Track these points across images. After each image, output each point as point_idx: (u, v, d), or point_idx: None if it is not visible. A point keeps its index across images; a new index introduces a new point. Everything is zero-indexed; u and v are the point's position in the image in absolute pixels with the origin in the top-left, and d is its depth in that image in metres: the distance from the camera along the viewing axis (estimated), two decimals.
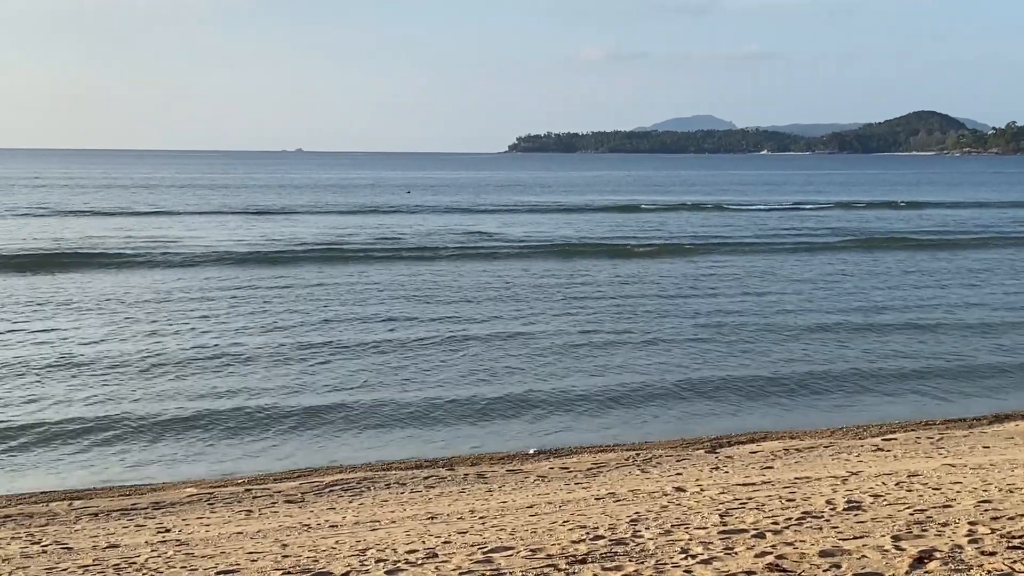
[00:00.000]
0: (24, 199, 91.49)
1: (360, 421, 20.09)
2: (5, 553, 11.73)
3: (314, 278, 38.80)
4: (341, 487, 15.68)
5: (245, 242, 51.91)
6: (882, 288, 37.66)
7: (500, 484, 15.49)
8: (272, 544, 11.35)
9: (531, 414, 20.73)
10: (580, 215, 78.40)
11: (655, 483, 14.57)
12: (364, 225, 64.50)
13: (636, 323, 29.75)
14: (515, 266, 43.57)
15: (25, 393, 21.44)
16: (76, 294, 34.42)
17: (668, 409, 21.24)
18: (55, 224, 62.63)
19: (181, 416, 20.11)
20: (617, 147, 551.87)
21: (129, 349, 25.58)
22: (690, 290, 36.81)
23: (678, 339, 27.48)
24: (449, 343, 26.76)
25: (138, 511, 14.46)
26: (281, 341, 26.69)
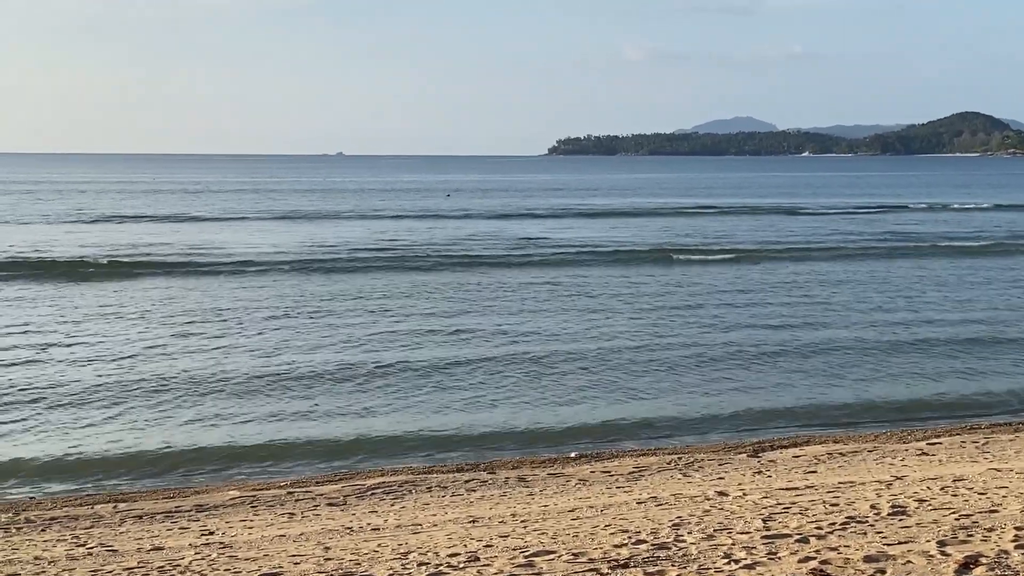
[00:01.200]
0: (84, 203, 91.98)
1: (400, 424, 20.14)
2: (51, 555, 11.84)
3: (373, 287, 38.72)
4: (383, 490, 15.72)
5: (300, 249, 51.17)
6: (942, 295, 36.95)
7: (541, 488, 15.47)
8: (314, 547, 11.39)
9: (572, 418, 20.69)
10: (646, 219, 76.16)
11: (697, 487, 14.50)
12: (413, 230, 64.09)
13: (684, 329, 29.50)
14: (572, 272, 42.85)
15: (75, 396, 21.64)
16: (134, 300, 34.69)
17: (711, 412, 21.15)
18: (118, 230, 62.26)
19: (224, 418, 20.24)
20: (657, 149, 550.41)
21: (181, 351, 25.79)
22: (740, 297, 36.31)
23: (730, 346, 27.23)
24: (492, 347, 26.78)
25: (182, 513, 14.56)
26: (335, 348, 26.81)
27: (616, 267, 44.94)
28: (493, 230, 64.24)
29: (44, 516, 14.59)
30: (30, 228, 63.25)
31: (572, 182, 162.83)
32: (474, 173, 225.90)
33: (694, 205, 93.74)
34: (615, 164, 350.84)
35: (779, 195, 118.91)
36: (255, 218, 74.35)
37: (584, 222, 73.72)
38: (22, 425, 19.68)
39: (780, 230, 66.08)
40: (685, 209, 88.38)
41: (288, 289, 37.20)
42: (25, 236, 57.31)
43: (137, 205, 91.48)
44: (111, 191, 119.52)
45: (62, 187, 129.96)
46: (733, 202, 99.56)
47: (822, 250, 52.51)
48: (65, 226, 65.19)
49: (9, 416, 20.22)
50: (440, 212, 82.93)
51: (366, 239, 56.89)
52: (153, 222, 70.63)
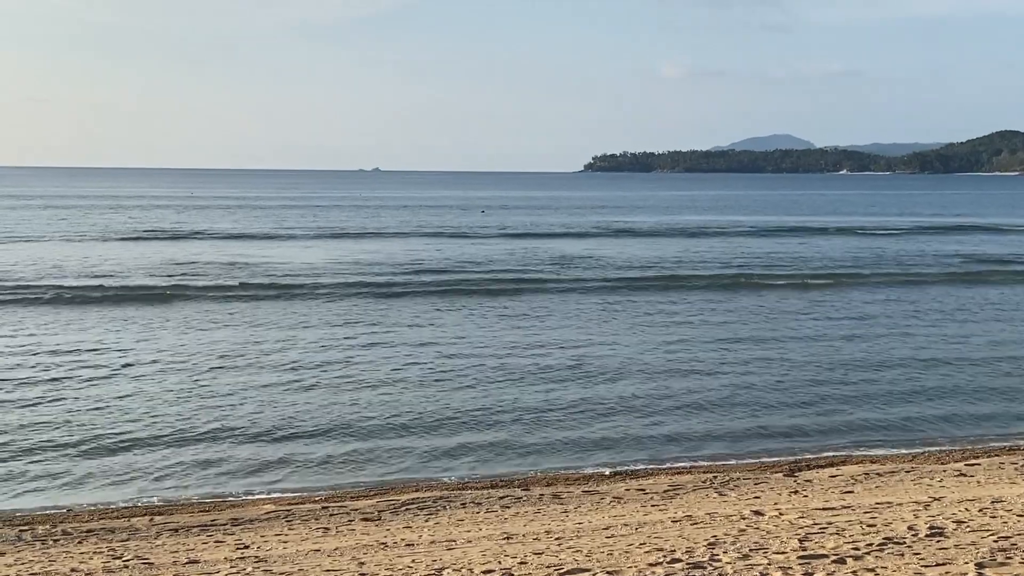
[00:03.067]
0: (140, 217, 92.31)
1: (432, 440, 20.14)
2: (87, 567, 11.92)
3: (421, 308, 38.74)
4: (417, 506, 15.72)
5: (348, 268, 49.93)
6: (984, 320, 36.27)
7: (576, 505, 15.43)
8: (349, 562, 11.41)
9: (606, 435, 20.63)
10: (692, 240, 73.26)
11: (733, 506, 14.43)
12: (462, 249, 63.27)
13: (730, 352, 29.21)
14: (617, 298, 41.11)
15: (113, 411, 21.80)
16: (200, 317, 34.94)
17: (746, 431, 21.04)
18: (171, 249, 60.77)
19: (257, 431, 20.32)
20: (693, 166, 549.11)
21: (224, 367, 25.96)
22: (784, 321, 35.92)
23: (768, 366, 27.10)
24: (529, 366, 26.78)
25: (217, 527, 14.61)
26: (372, 363, 26.89)
27: (663, 292, 42.86)
28: (535, 249, 62.86)
29: (81, 528, 14.69)
30: (106, 246, 62.00)
31: (614, 199, 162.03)
32: (510, 189, 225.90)
33: (747, 225, 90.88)
34: (653, 181, 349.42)
35: (828, 213, 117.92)
36: (303, 235, 73.12)
37: (627, 241, 71.80)
38: (62, 438, 19.82)
39: (823, 248, 65.57)
40: (739, 228, 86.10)
41: (340, 310, 36.50)
42: (103, 252, 56.88)
43: (193, 220, 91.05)
44: (162, 206, 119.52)
45: (111, 201, 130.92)
46: (793, 221, 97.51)
47: (877, 275, 49.89)
48: (136, 244, 64.02)
49: (52, 428, 20.38)
50: (488, 230, 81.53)
51: (414, 258, 55.35)
52: (216, 239, 68.62)
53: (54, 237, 67.15)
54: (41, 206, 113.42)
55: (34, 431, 20.14)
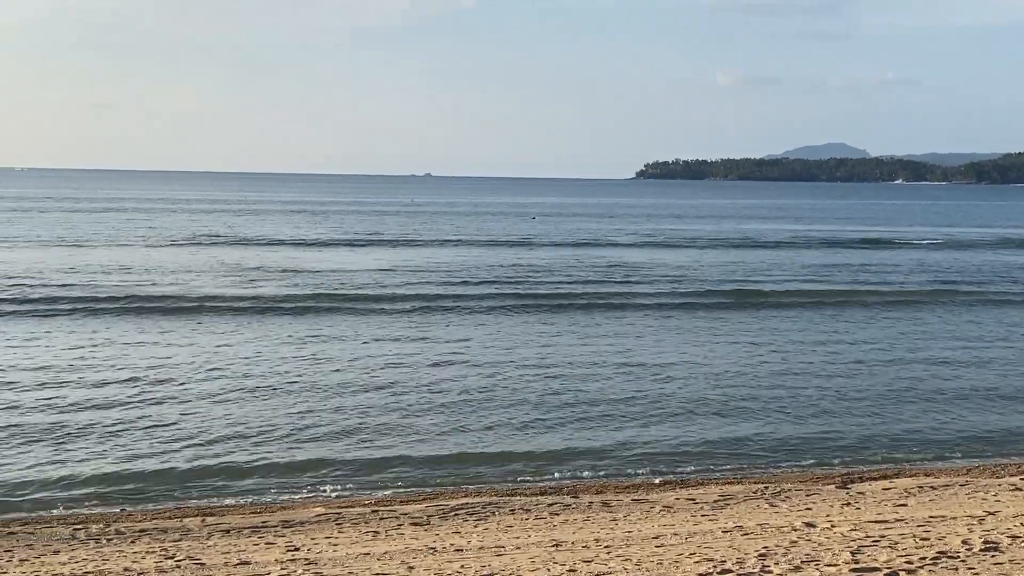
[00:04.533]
0: (200, 222, 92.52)
1: (481, 446, 20.18)
2: (140, 567, 12.04)
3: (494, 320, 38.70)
4: (466, 511, 15.73)
5: (408, 278, 48.84)
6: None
7: (625, 513, 15.38)
8: (398, 566, 11.45)
9: (655, 444, 20.57)
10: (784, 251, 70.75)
11: (784, 517, 14.32)
12: (524, 259, 62.23)
13: (786, 362, 28.98)
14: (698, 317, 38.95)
15: (172, 415, 22.06)
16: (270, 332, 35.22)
17: (799, 442, 20.90)
18: (235, 254, 59.90)
19: (310, 434, 20.45)
20: (746, 175, 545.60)
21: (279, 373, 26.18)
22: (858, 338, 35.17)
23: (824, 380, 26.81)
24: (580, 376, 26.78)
25: (268, 529, 14.69)
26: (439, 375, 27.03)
27: (739, 309, 40.43)
28: (591, 257, 61.68)
29: (134, 528, 14.83)
30: (174, 251, 61.43)
31: (671, 207, 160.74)
32: (562, 196, 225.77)
33: (823, 235, 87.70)
34: (707, 189, 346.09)
35: (903, 224, 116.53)
36: (363, 243, 71.24)
37: (693, 252, 68.79)
38: (117, 439, 20.07)
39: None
40: (809, 238, 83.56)
41: (396, 318, 35.73)
42: (172, 257, 56.60)
43: (249, 225, 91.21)
44: (220, 210, 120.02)
45: (171, 204, 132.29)
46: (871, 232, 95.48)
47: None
48: (200, 248, 63.36)
49: (112, 430, 20.64)
50: (543, 237, 79.82)
51: (471, 267, 53.87)
52: (277, 245, 67.67)
53: (119, 242, 67.19)
54: (118, 209, 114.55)
55: (96, 433, 20.40)
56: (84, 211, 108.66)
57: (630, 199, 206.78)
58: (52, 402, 22.38)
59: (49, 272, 46.52)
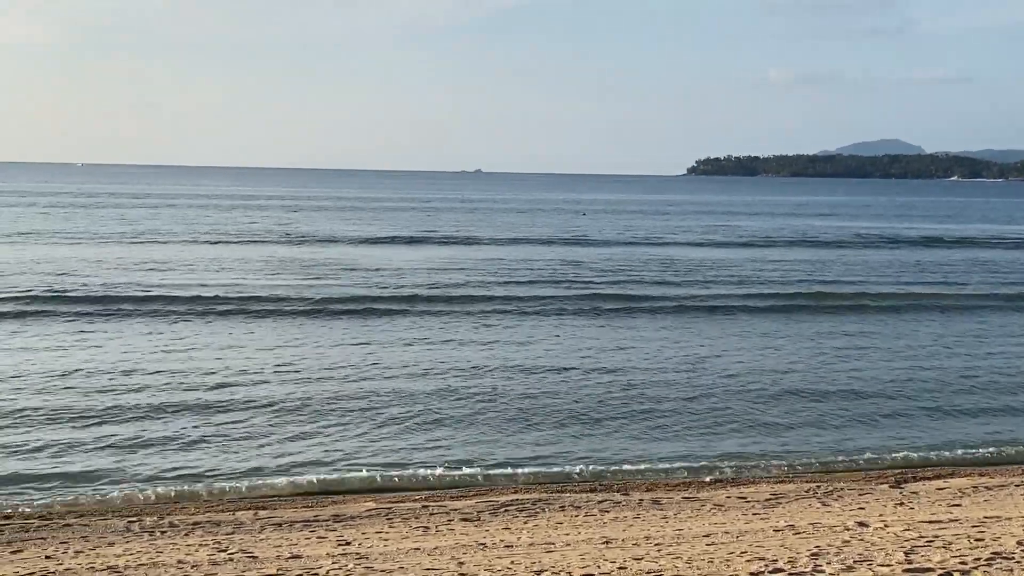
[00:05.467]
0: (266, 218, 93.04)
1: (532, 444, 20.20)
2: (193, 559, 12.15)
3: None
4: (516, 507, 15.75)
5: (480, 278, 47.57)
6: None
7: (676, 511, 15.33)
8: (449, 561, 11.48)
9: (709, 442, 20.50)
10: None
11: (836, 517, 14.22)
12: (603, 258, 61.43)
13: (845, 362, 28.66)
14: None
15: (239, 410, 22.28)
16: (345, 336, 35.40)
17: (852, 441, 20.74)
18: (306, 254, 58.98)
19: (361, 430, 20.56)
20: (799, 171, 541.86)
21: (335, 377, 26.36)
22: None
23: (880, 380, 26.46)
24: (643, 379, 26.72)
25: (320, 523, 14.78)
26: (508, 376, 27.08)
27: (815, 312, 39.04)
28: (649, 256, 60.77)
29: (188, 520, 14.98)
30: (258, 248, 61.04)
31: (728, 204, 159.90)
32: (613, 192, 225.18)
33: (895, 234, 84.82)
34: (760, 185, 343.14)
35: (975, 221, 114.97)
36: (419, 240, 69.78)
37: (762, 250, 66.87)
38: (171, 434, 20.29)
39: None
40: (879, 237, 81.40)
41: (464, 320, 34.52)
42: (241, 255, 56.32)
43: (311, 222, 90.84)
44: (275, 206, 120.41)
45: (225, 200, 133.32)
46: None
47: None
48: (269, 247, 61.99)
49: (166, 426, 20.87)
50: (597, 235, 78.26)
51: (532, 266, 52.25)
52: (342, 244, 65.68)
53: (180, 238, 66.88)
54: (186, 206, 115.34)
55: (150, 428, 20.65)
56: (144, 207, 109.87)
57: (682, 195, 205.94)
58: (111, 399, 22.63)
59: (122, 269, 46.70)
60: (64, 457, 18.61)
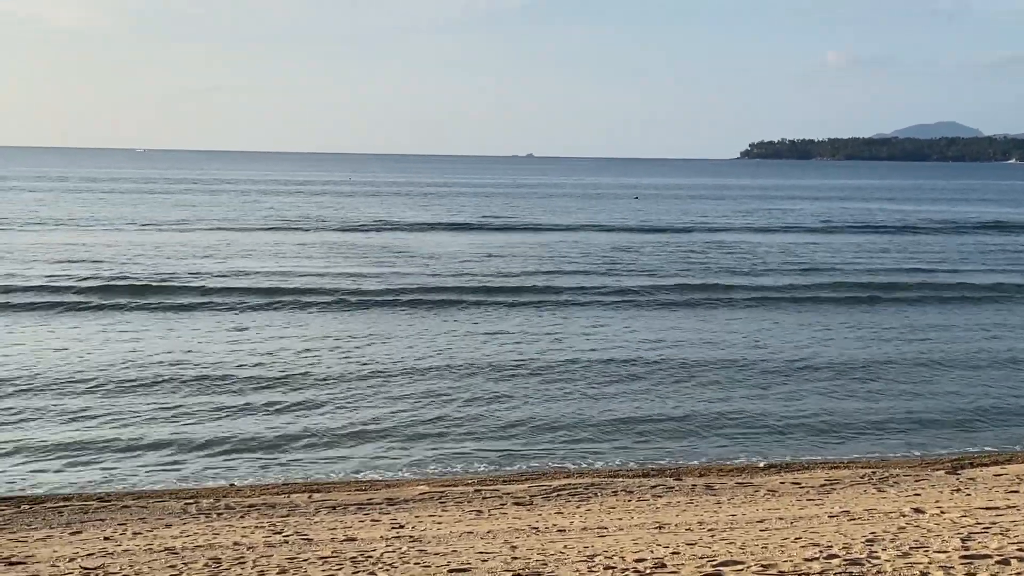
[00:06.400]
0: (334, 205, 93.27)
1: (585, 429, 20.20)
2: (249, 541, 12.26)
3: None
4: (568, 492, 15.76)
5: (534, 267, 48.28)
6: None
7: (729, 497, 15.27)
8: (502, 545, 11.50)
9: (763, 426, 20.41)
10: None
11: (892, 503, 14.09)
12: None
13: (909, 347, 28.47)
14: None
15: (283, 396, 22.47)
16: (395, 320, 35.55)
17: (908, 427, 20.56)
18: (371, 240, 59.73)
19: (416, 416, 20.68)
20: (854, 154, 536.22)
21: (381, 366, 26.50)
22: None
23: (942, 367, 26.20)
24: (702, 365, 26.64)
25: (373, 506, 14.88)
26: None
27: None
28: (709, 243, 60.42)
29: (243, 503, 15.13)
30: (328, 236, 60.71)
31: (784, 188, 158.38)
32: (666, 176, 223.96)
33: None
34: (816, 168, 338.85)
35: None
36: (477, 227, 69.03)
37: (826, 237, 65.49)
38: (227, 418, 20.51)
39: None
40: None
41: (533, 316, 33.67)
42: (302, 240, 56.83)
43: (368, 207, 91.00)
44: (331, 192, 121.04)
45: (281, 186, 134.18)
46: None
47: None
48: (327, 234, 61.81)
49: (224, 410, 21.09)
50: (659, 222, 76.18)
51: (589, 255, 51.70)
52: (395, 230, 65.29)
53: (237, 224, 67.12)
54: (245, 191, 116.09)
55: (208, 413, 20.88)
56: (206, 192, 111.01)
57: (737, 179, 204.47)
58: (174, 384, 22.92)
59: (189, 258, 47.17)
60: (127, 442, 18.87)
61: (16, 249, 48.06)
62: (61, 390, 21.97)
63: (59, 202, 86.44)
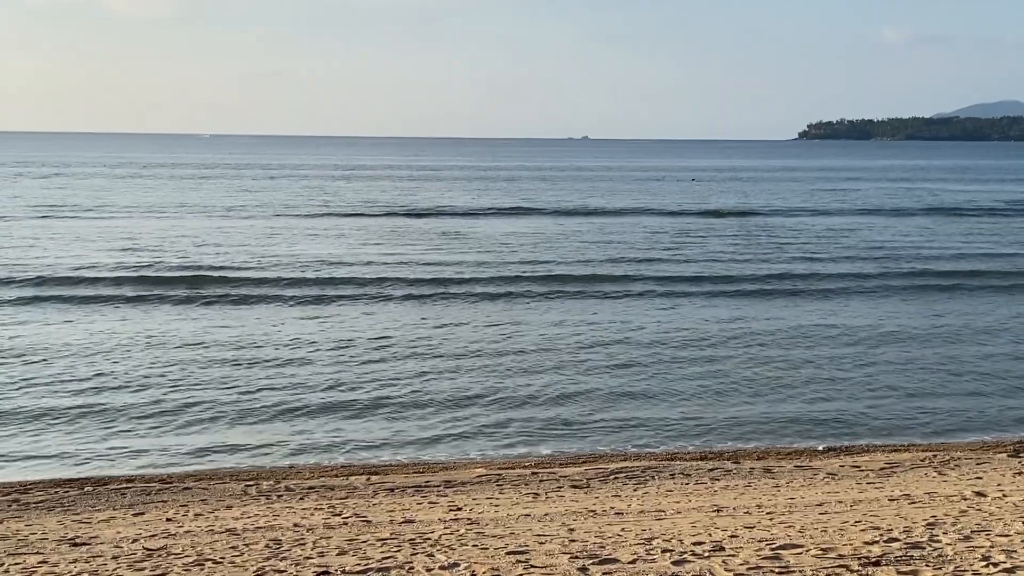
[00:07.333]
0: (388, 188, 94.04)
1: (646, 411, 20.19)
2: (309, 523, 12.37)
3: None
4: (626, 475, 15.74)
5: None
6: None
7: (788, 480, 15.19)
8: (559, 528, 11.52)
9: (822, 411, 20.28)
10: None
11: (953, 486, 13.95)
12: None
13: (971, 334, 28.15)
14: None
15: (352, 373, 22.65)
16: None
17: (970, 410, 20.33)
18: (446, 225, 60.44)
19: (472, 398, 20.76)
20: (914, 134, 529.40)
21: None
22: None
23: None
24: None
25: (431, 488, 14.95)
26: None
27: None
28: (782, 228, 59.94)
29: (303, 485, 15.27)
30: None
31: (846, 169, 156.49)
32: (723, 158, 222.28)
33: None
34: (876, 149, 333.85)
35: None
36: (541, 211, 67.70)
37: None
38: (288, 400, 20.71)
39: None
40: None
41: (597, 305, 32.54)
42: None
43: (428, 192, 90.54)
44: (391, 176, 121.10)
45: (344, 172, 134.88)
46: None
47: None
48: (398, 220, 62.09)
49: (286, 394, 21.31)
50: (723, 205, 74.30)
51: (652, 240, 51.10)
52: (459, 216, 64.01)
53: (301, 211, 66.86)
54: (312, 176, 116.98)
55: (270, 396, 21.11)
56: (273, 178, 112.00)
57: (797, 160, 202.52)
58: (234, 368, 23.20)
59: (251, 245, 47.55)
60: (188, 423, 19.12)
61: (84, 236, 48.68)
62: (125, 375, 22.26)
63: (130, 189, 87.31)
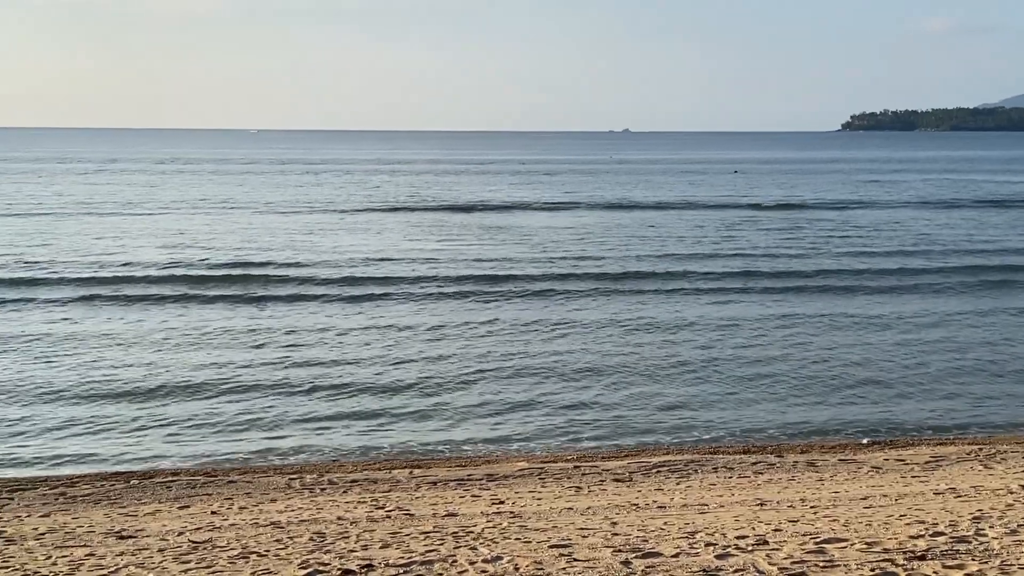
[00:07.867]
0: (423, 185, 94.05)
1: (686, 407, 20.14)
2: (352, 516, 12.43)
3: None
4: (668, 468, 15.71)
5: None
6: None
7: (831, 473, 15.10)
8: (602, 521, 11.51)
9: (865, 404, 20.15)
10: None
11: (999, 480, 13.82)
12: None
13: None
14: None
15: (400, 373, 22.76)
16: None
17: (1015, 404, 20.13)
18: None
19: (512, 394, 20.80)
20: (959, 124, 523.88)
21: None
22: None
23: None
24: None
25: (473, 482, 14.98)
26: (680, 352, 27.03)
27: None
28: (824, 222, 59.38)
29: (346, 479, 15.34)
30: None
31: (892, 161, 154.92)
32: (765, 150, 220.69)
33: None
34: (921, 140, 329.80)
35: None
36: (586, 205, 67.03)
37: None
38: (334, 395, 20.82)
39: None
40: None
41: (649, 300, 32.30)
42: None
43: (470, 186, 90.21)
44: (430, 172, 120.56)
45: (384, 165, 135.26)
46: None
47: None
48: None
49: (330, 387, 21.44)
50: (771, 198, 73.15)
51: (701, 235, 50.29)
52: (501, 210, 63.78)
53: (343, 206, 66.97)
54: (358, 171, 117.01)
55: (316, 390, 21.24)
56: (321, 172, 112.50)
57: (841, 152, 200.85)
58: (279, 362, 23.36)
59: (298, 240, 47.76)
60: (232, 417, 19.27)
61: (128, 233, 49.04)
62: (173, 370, 22.45)
63: (178, 184, 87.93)
